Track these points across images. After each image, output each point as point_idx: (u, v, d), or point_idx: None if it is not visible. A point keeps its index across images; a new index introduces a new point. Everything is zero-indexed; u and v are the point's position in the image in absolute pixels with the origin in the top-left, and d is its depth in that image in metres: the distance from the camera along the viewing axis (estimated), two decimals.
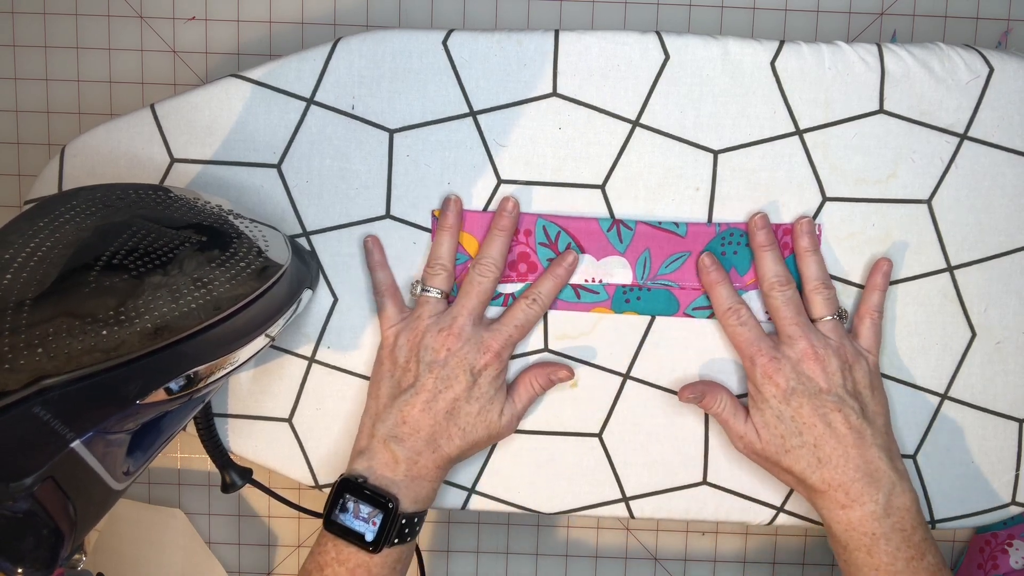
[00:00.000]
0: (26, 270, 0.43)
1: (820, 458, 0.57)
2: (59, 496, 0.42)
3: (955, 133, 0.63)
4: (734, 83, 0.62)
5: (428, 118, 0.62)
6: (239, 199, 0.63)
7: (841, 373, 0.58)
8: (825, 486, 0.57)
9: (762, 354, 0.59)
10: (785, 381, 0.58)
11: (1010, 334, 0.64)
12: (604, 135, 0.62)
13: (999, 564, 0.85)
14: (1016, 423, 0.64)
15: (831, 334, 0.60)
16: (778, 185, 0.63)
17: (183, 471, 0.91)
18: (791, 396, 0.58)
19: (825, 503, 0.57)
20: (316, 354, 0.64)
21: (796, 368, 0.58)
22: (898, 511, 0.56)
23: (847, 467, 0.57)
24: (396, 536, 0.57)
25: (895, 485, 0.57)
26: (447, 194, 0.62)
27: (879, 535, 0.56)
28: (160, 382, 0.44)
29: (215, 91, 0.62)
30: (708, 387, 0.61)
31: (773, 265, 0.61)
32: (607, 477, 0.65)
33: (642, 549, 0.92)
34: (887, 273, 0.62)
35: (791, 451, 0.58)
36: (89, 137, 0.63)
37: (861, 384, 0.59)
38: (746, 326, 0.60)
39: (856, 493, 0.56)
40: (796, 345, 0.59)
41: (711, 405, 0.61)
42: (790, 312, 0.60)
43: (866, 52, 0.62)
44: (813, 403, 0.57)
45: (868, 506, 0.56)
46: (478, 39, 0.62)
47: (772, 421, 0.58)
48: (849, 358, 0.59)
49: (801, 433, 0.58)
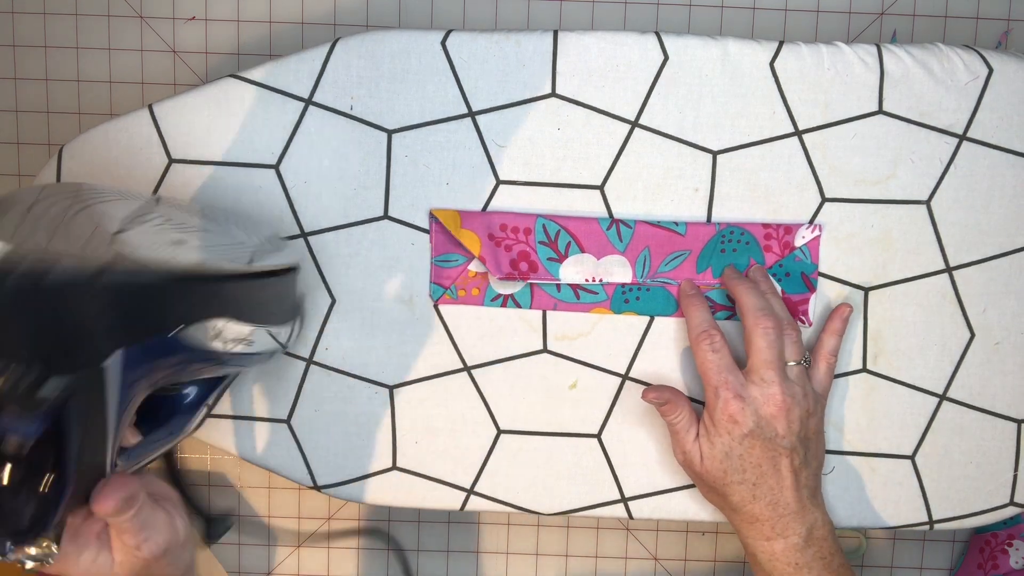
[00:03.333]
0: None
1: (755, 494, 0.58)
2: (68, 436, 0.38)
3: (954, 134, 0.62)
4: (733, 83, 0.62)
5: (427, 119, 0.62)
6: (237, 200, 0.63)
7: (800, 421, 0.58)
8: (754, 519, 0.59)
9: (728, 388, 0.58)
10: (745, 424, 0.58)
11: (1009, 335, 0.64)
12: (603, 136, 0.62)
13: (999, 564, 0.85)
14: (1015, 423, 0.64)
15: (797, 381, 0.59)
16: (777, 186, 0.63)
17: (182, 471, 0.91)
18: (746, 437, 0.58)
19: (751, 532, 0.59)
20: (314, 355, 0.64)
21: (759, 412, 0.58)
22: (818, 541, 0.58)
23: (778, 505, 0.58)
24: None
25: (817, 519, 0.59)
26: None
27: (802, 564, 0.58)
28: (199, 315, 0.44)
29: (214, 91, 0.62)
30: (673, 395, 0.61)
31: (774, 303, 0.61)
32: (606, 477, 0.65)
33: (642, 549, 0.92)
34: (846, 319, 0.62)
35: (729, 484, 0.59)
36: (88, 137, 0.63)
37: (812, 431, 0.60)
38: (718, 353, 0.59)
39: (782, 528, 0.58)
40: (767, 389, 0.58)
41: (669, 413, 0.61)
42: (772, 355, 0.58)
43: (865, 53, 0.62)
44: (765, 447, 0.58)
45: (792, 538, 0.58)
46: (477, 39, 0.62)
47: (719, 455, 0.58)
48: (810, 407, 0.59)
49: (744, 471, 0.58)
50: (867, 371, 0.64)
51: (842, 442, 0.64)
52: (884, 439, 0.64)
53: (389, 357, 0.64)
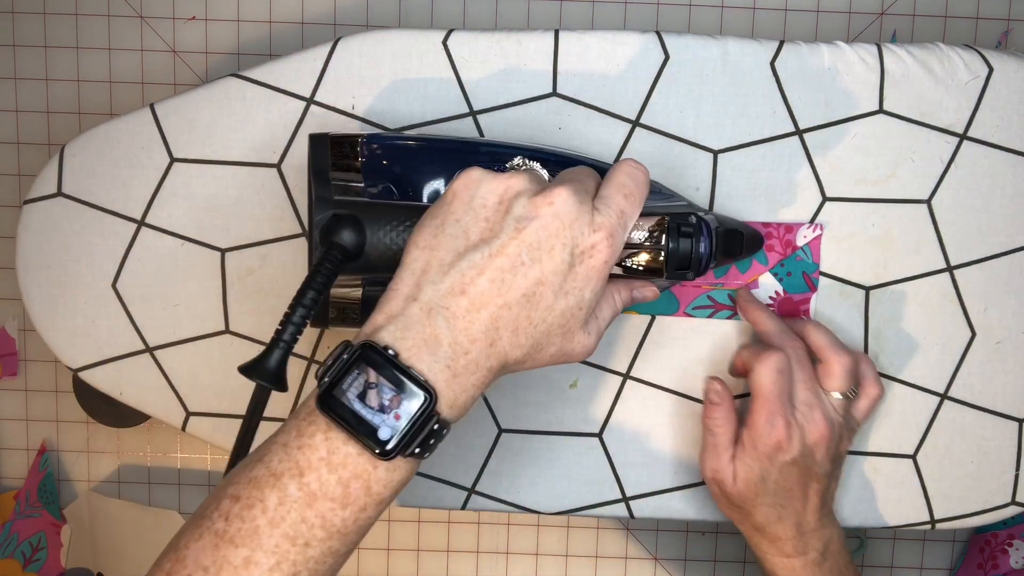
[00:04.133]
0: None
1: (781, 515, 0.58)
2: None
3: (955, 133, 0.63)
4: (734, 83, 0.62)
5: (428, 118, 0.62)
6: (239, 198, 0.63)
7: (836, 449, 0.58)
8: (776, 538, 0.58)
9: (781, 416, 0.55)
10: (791, 452, 0.56)
11: (1010, 334, 0.64)
12: (604, 135, 0.62)
13: (999, 564, 0.85)
14: (1016, 423, 0.64)
15: (841, 410, 0.58)
16: (778, 185, 0.63)
17: (183, 471, 0.91)
18: (787, 465, 0.56)
19: (771, 550, 0.59)
20: (315, 355, 0.64)
21: (804, 441, 0.56)
22: (834, 555, 0.59)
23: (801, 525, 0.58)
24: (419, 445, 0.40)
25: (833, 535, 0.59)
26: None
27: None
28: None
29: (215, 91, 0.62)
30: (731, 405, 0.59)
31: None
32: (607, 477, 0.65)
33: (642, 549, 0.92)
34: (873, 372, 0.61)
35: (758, 506, 0.58)
36: (89, 137, 0.63)
37: (841, 455, 0.60)
38: (784, 376, 0.56)
39: (802, 546, 0.58)
40: (813, 417, 0.56)
41: (716, 424, 0.58)
42: (807, 375, 0.57)
43: (866, 52, 0.62)
44: (803, 474, 0.57)
45: (811, 555, 0.58)
46: (478, 39, 0.62)
47: (754, 477, 0.57)
48: (845, 437, 0.59)
49: (775, 494, 0.57)
50: None
51: None
52: (885, 438, 0.64)
53: None
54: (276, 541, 0.38)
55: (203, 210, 0.63)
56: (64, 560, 0.91)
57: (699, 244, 0.50)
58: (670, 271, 0.49)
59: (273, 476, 0.39)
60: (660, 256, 0.49)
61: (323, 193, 0.51)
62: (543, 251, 0.41)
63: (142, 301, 0.63)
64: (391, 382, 0.39)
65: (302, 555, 0.39)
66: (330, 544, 0.40)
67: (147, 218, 0.63)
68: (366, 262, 0.49)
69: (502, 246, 0.41)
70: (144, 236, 0.63)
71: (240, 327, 0.64)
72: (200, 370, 0.64)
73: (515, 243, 0.41)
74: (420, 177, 0.54)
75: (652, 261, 0.49)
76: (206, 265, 0.63)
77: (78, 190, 0.63)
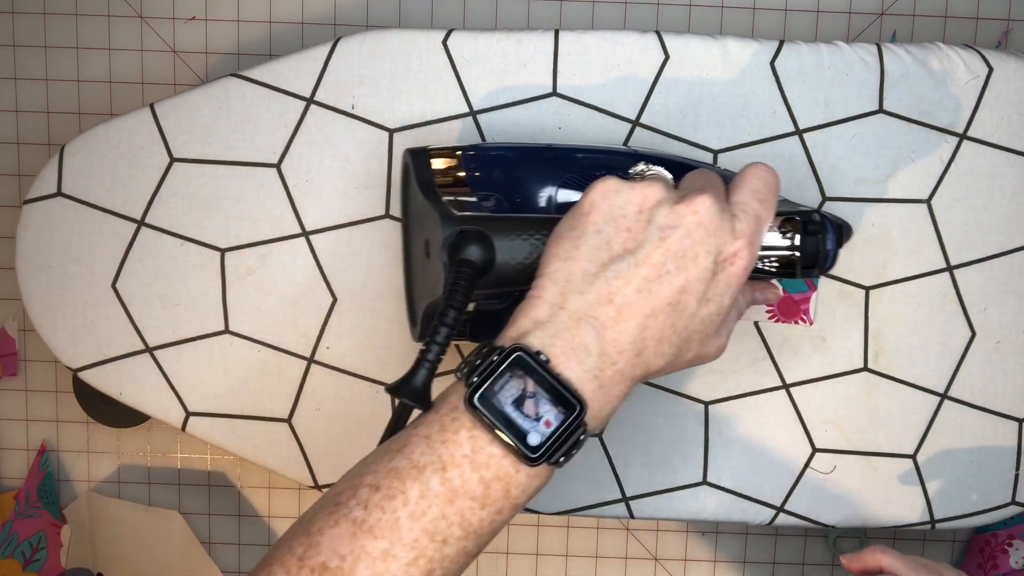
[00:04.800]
0: None
1: None
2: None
3: (954, 133, 0.63)
4: (734, 83, 0.62)
5: (428, 118, 0.62)
6: (239, 198, 0.63)
7: None
8: None
9: None
10: None
11: (1009, 333, 0.64)
12: (604, 134, 0.62)
13: (999, 564, 0.85)
14: (1016, 423, 0.64)
15: None
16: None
17: (183, 471, 0.91)
18: None
19: None
20: (315, 354, 0.64)
21: None
22: None
23: None
24: (563, 454, 0.40)
25: None
26: None
27: None
28: None
29: (215, 91, 0.62)
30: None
31: None
32: (607, 477, 0.65)
33: (642, 549, 0.92)
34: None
35: None
36: (89, 137, 0.63)
37: None
38: None
39: None
40: None
41: None
42: None
43: (865, 52, 0.62)
44: None
45: None
46: (478, 39, 0.62)
47: None
48: None
49: None
50: (868, 370, 0.64)
51: (843, 441, 0.64)
52: (885, 438, 0.64)
53: (389, 356, 0.64)
54: (416, 535, 0.38)
55: (203, 210, 0.63)
56: (64, 560, 0.91)
57: (826, 241, 0.50)
58: (802, 270, 0.50)
59: (416, 468, 0.38)
60: (794, 256, 0.49)
61: (444, 210, 0.50)
62: (688, 259, 0.41)
63: (142, 301, 0.63)
64: (544, 389, 0.39)
65: (439, 552, 0.38)
66: (465, 544, 0.39)
67: (147, 218, 0.63)
68: (496, 277, 0.49)
69: (647, 256, 0.41)
70: (144, 236, 0.63)
71: (240, 327, 0.64)
72: (200, 370, 0.64)
73: (660, 252, 0.41)
74: (527, 186, 0.54)
75: (785, 261, 0.50)
76: (206, 265, 0.63)
77: (78, 190, 0.63)
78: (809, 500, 0.64)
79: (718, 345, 0.45)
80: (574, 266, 0.41)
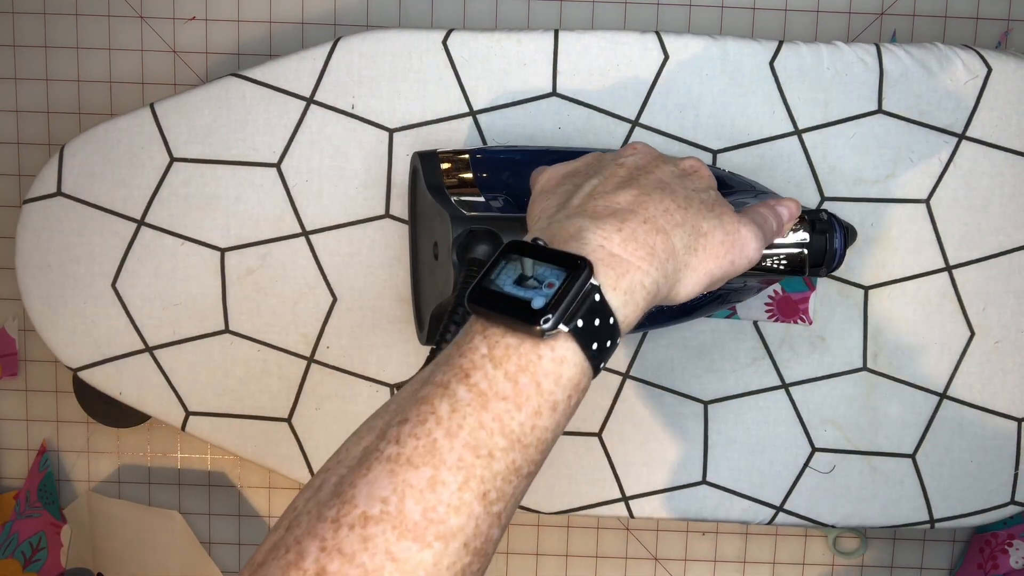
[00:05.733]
0: None
1: None
2: None
3: (953, 133, 0.63)
4: (733, 83, 0.62)
5: (428, 117, 0.62)
6: (239, 198, 0.63)
7: None
8: None
9: None
10: None
11: (1008, 333, 0.64)
12: (604, 135, 0.62)
13: (999, 564, 0.85)
14: (1015, 422, 0.64)
15: None
16: (777, 185, 0.63)
17: (183, 471, 0.91)
18: None
19: None
20: (315, 354, 0.64)
21: None
22: None
23: None
24: (581, 318, 0.36)
25: None
26: None
27: None
28: None
29: (215, 91, 0.62)
30: None
31: None
32: (607, 477, 0.65)
33: (642, 549, 0.92)
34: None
35: None
36: (89, 137, 0.63)
37: None
38: None
39: None
40: None
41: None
42: None
43: (865, 52, 0.62)
44: None
45: None
46: (478, 39, 0.62)
47: None
48: None
49: None
50: (867, 370, 0.64)
51: (842, 441, 0.65)
52: (885, 438, 0.64)
53: (390, 355, 0.64)
54: (459, 454, 0.34)
55: (203, 210, 0.63)
56: (64, 560, 0.91)
57: (834, 240, 0.51)
58: (809, 268, 0.50)
59: (440, 387, 0.36)
60: (802, 253, 0.51)
61: (454, 211, 0.51)
62: (650, 168, 0.43)
63: (142, 301, 0.64)
64: (544, 260, 0.37)
65: (488, 470, 0.35)
66: (512, 457, 0.35)
67: (147, 218, 0.63)
68: None
69: (612, 172, 0.43)
70: (144, 236, 0.63)
71: (240, 327, 0.64)
72: (200, 370, 0.64)
73: (623, 169, 0.43)
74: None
75: (793, 259, 0.50)
76: (206, 265, 0.63)
77: (78, 190, 0.63)
78: (809, 499, 0.64)
79: (746, 225, 0.44)
80: (551, 201, 0.43)
